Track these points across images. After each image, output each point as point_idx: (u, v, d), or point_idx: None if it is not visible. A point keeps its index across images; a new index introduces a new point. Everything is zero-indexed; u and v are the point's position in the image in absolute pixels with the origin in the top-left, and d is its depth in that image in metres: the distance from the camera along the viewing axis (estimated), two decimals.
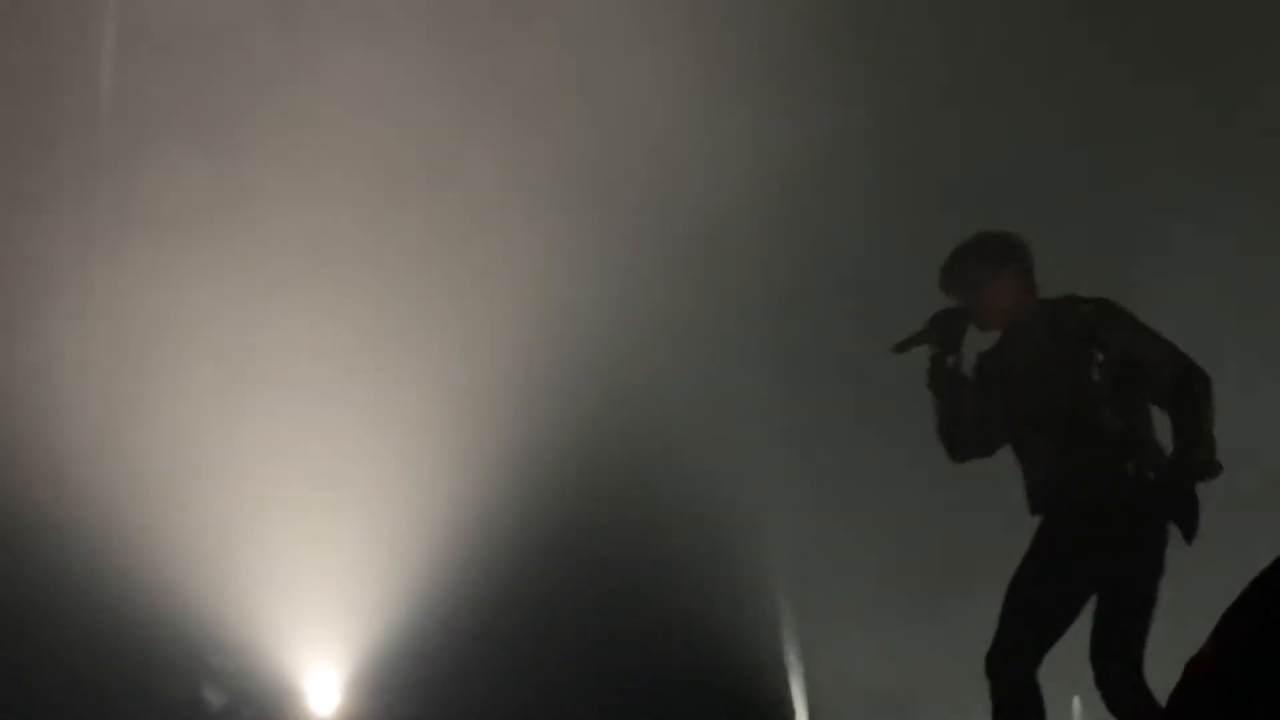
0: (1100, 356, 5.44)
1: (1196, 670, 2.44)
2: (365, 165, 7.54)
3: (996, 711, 5.38)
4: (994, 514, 6.08)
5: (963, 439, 5.64)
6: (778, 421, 7.70)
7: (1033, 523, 5.56)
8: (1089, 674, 5.39)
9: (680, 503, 7.64)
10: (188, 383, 7.33)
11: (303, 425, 7.33)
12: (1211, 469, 5.32)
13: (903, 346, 5.66)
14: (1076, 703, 6.61)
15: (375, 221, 7.56)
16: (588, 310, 7.49)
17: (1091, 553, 5.39)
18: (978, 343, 5.76)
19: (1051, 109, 7.75)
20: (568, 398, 7.48)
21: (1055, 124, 7.68)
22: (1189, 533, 5.30)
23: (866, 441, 6.04)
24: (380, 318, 7.45)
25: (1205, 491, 5.33)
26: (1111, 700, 5.34)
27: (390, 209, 7.57)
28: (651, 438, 7.61)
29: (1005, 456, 5.66)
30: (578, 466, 7.50)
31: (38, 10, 7.51)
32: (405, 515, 7.42)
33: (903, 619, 7.38)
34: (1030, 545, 5.53)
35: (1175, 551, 5.39)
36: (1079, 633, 5.44)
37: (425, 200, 7.57)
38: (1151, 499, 5.38)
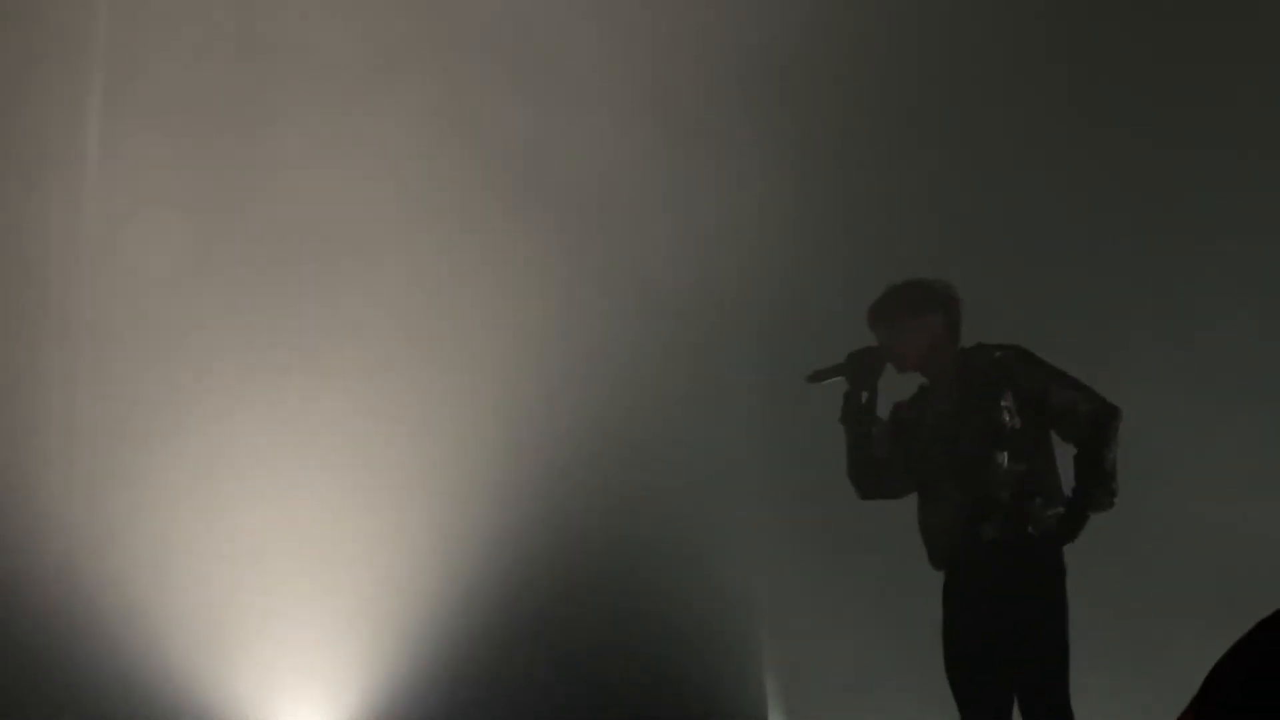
0: (1010, 401, 5.53)
1: None
2: (354, 230, 7.57)
3: None
4: None
5: (870, 479, 5.75)
6: (772, 504, 7.82)
7: None
8: None
9: (672, 583, 7.72)
10: (176, 446, 7.33)
11: (290, 486, 7.32)
12: (1104, 502, 5.49)
13: (816, 378, 5.80)
14: None
15: (363, 291, 7.58)
16: (577, 391, 7.56)
17: (998, 601, 5.47)
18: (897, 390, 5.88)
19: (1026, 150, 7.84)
20: (555, 474, 7.53)
21: (1027, 174, 7.77)
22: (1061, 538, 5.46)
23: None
24: (371, 387, 7.45)
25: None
26: None
27: (379, 279, 7.60)
28: (644, 510, 7.69)
29: None
30: (566, 539, 7.55)
31: (25, 71, 7.53)
32: (393, 578, 7.42)
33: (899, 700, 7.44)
34: (943, 614, 5.62)
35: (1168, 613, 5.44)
36: None
37: (409, 262, 7.61)
38: (1048, 539, 5.49)
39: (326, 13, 7.66)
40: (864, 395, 5.73)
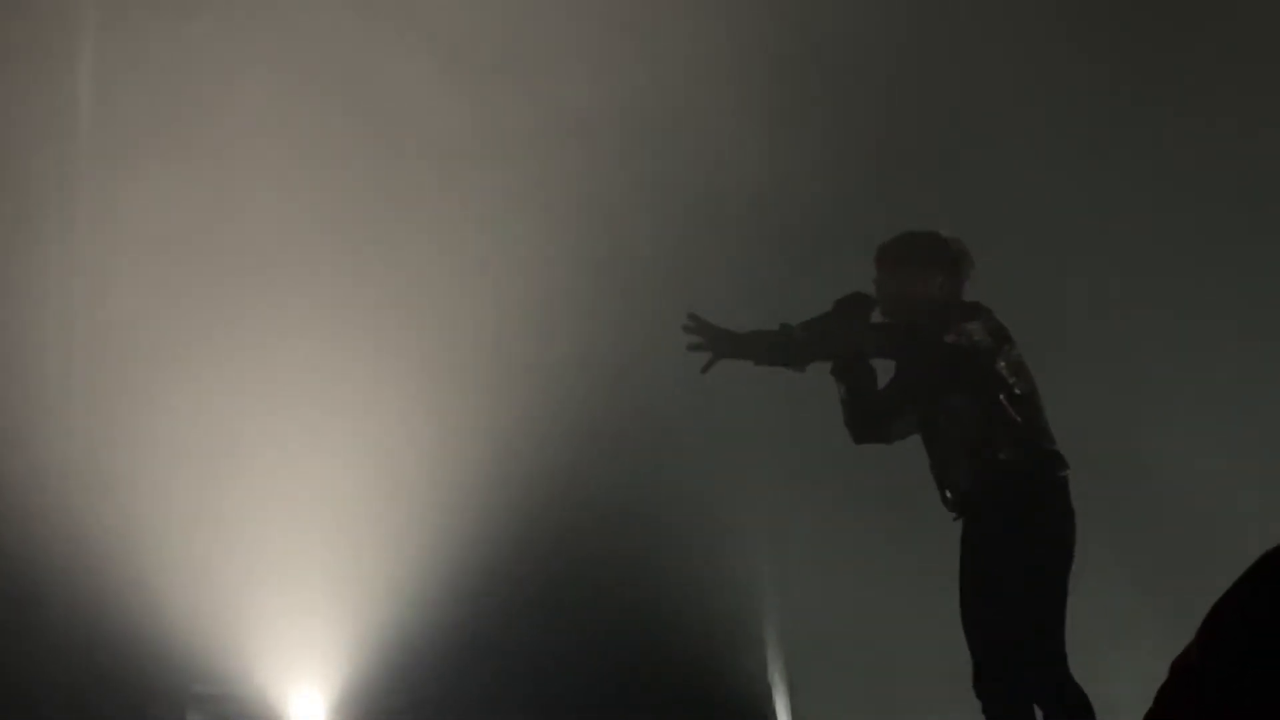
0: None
1: (1183, 667, 2.47)
2: (354, 179, 7.56)
3: None
4: None
5: (863, 423, 5.68)
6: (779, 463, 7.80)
7: None
8: None
9: (674, 539, 7.71)
10: (174, 403, 7.33)
11: (288, 451, 7.34)
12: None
13: (806, 329, 5.75)
14: None
15: (364, 238, 7.57)
16: (579, 332, 7.55)
17: (1012, 550, 5.42)
18: None
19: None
20: (554, 419, 7.52)
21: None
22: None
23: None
24: (366, 334, 7.45)
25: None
26: (1044, 702, 5.38)
27: (379, 227, 7.60)
28: (644, 445, 7.67)
29: None
30: (563, 492, 7.54)
31: (16, 23, 7.51)
32: (389, 540, 7.43)
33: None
34: (960, 559, 5.56)
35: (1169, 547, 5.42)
36: None
37: (416, 212, 7.61)
38: (1060, 488, 5.46)
39: None
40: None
